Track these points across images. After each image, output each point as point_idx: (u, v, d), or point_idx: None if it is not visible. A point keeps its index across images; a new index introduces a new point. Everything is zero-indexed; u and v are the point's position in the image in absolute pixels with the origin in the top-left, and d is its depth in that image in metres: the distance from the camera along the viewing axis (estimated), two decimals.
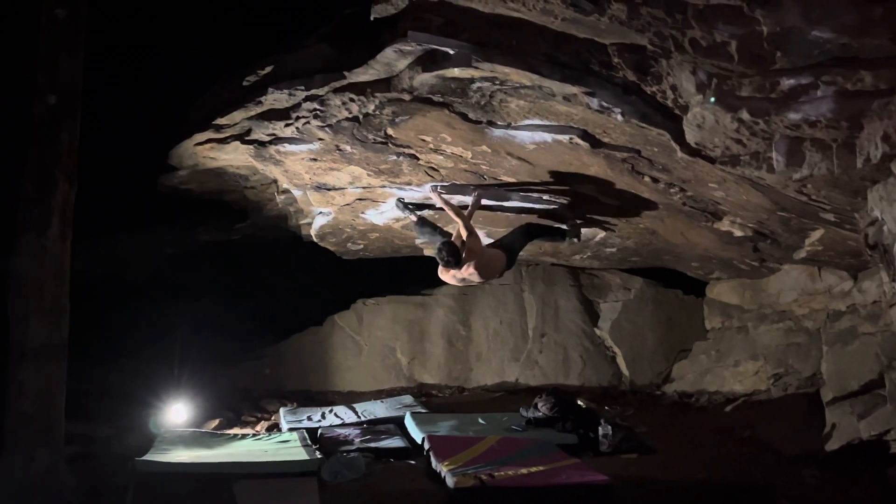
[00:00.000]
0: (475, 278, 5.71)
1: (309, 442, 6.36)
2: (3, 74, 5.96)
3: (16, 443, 4.64)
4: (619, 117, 4.14)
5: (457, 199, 6.12)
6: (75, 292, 4.95)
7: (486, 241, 7.62)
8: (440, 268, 5.71)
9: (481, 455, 5.80)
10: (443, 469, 5.44)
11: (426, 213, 6.50)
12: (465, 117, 4.87)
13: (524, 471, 5.40)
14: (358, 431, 6.75)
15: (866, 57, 3.00)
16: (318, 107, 5.05)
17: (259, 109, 5.30)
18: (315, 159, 5.91)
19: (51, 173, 4.76)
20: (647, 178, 5.24)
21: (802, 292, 7.47)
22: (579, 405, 7.61)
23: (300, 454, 5.95)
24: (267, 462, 5.69)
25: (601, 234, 7.14)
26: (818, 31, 2.92)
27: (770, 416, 6.97)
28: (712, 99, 3.47)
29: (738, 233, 6.00)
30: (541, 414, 7.03)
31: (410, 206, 6.45)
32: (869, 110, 3.23)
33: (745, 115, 3.51)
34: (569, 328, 9.64)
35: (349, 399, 8.58)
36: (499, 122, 4.89)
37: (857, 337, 6.33)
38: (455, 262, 5.49)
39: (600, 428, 6.44)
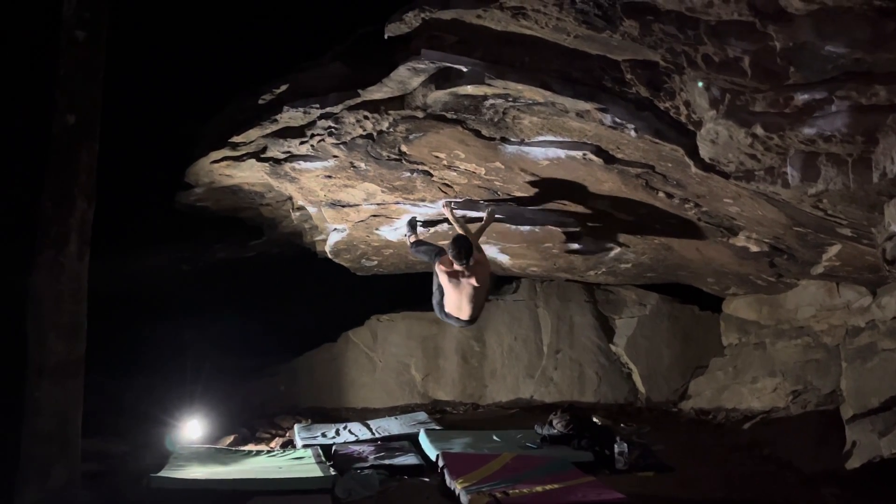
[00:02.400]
0: (470, 286, 5.37)
1: (323, 458, 6.36)
2: (24, 95, 6.05)
3: (33, 459, 4.67)
4: (633, 133, 4.14)
5: (471, 214, 6.13)
6: (92, 309, 4.99)
7: (501, 257, 7.67)
8: (441, 262, 5.41)
9: (496, 472, 5.77)
10: (457, 486, 5.41)
11: (439, 228, 6.52)
12: (478, 134, 4.89)
13: (539, 488, 5.36)
14: (372, 448, 6.73)
15: (880, 71, 2.98)
16: (332, 124, 5.09)
17: (274, 127, 5.36)
18: (330, 176, 5.95)
19: (69, 192, 4.82)
20: (661, 194, 5.23)
21: (821, 308, 7.39)
22: (595, 422, 7.56)
23: (314, 471, 5.96)
24: (281, 479, 5.70)
25: (616, 249, 7.11)
26: (831, 47, 2.91)
27: (789, 433, 6.88)
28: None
29: (754, 248, 5.96)
30: (556, 431, 6.98)
31: (420, 225, 6.44)
32: (884, 125, 3.20)
33: (759, 131, 3.50)
34: (584, 344, 9.58)
35: (363, 416, 8.57)
36: (512, 139, 4.91)
37: (877, 353, 6.25)
38: (466, 255, 5.20)
39: (616, 445, 6.39)
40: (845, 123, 3.24)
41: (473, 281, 5.34)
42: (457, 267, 5.28)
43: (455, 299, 5.48)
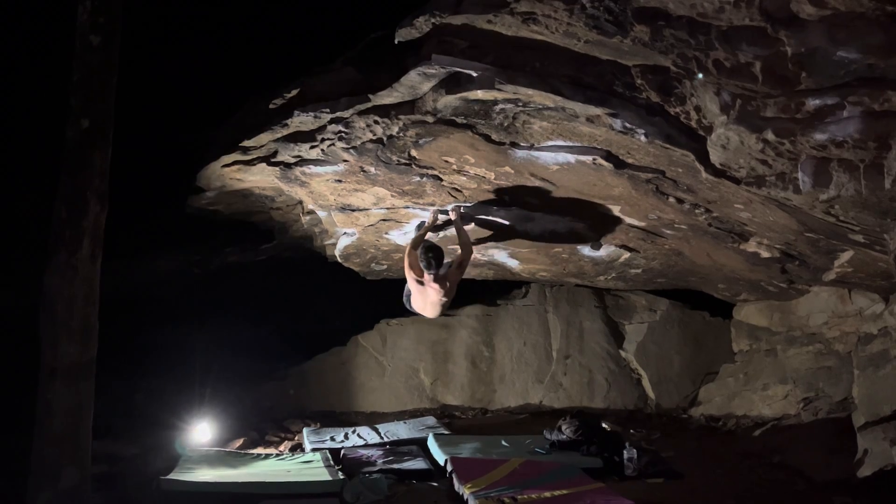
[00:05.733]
0: (434, 292, 5.73)
1: (332, 462, 6.37)
2: (39, 99, 6.11)
3: (44, 461, 4.69)
4: (643, 138, 4.13)
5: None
6: (104, 312, 5.02)
7: (511, 262, 7.67)
8: (410, 264, 5.78)
9: (504, 478, 5.76)
10: (465, 491, 5.40)
11: (449, 232, 6.53)
12: (488, 139, 4.90)
13: (548, 494, 5.35)
14: (381, 452, 6.73)
15: (894, 77, 2.96)
16: (343, 129, 5.11)
17: (285, 132, 5.38)
18: (340, 181, 5.97)
19: (83, 195, 4.84)
20: (671, 199, 5.21)
21: (832, 315, 7.35)
22: (604, 428, 7.53)
23: (323, 475, 5.96)
24: (290, 482, 5.71)
25: (626, 254, 7.10)
26: (844, 52, 2.89)
27: (800, 441, 6.83)
28: None
29: (765, 254, 5.93)
30: (565, 437, 6.96)
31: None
32: None
33: (770, 136, 3.48)
34: (594, 350, 9.56)
35: (372, 420, 8.58)
36: (522, 144, 4.91)
37: (890, 360, 6.20)
38: (436, 265, 5.59)
39: (625, 451, 6.36)
40: (857, 129, 3.22)
41: (437, 289, 5.69)
42: (425, 276, 5.65)
43: (420, 302, 5.96)
